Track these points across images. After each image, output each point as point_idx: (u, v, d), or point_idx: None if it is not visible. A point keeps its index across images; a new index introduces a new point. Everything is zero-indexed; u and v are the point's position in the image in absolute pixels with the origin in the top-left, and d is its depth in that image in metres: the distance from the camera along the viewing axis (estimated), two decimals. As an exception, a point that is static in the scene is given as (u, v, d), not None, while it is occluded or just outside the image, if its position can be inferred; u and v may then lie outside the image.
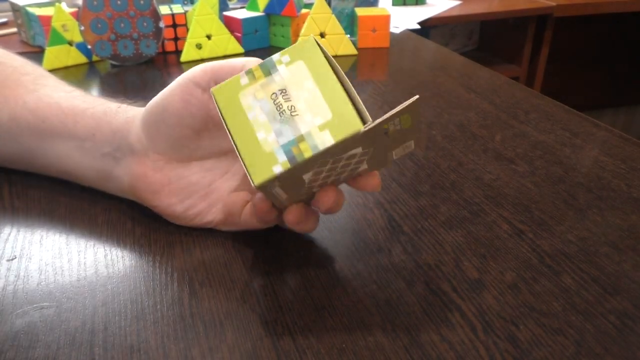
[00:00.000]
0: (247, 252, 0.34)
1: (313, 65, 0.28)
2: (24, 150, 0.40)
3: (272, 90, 0.28)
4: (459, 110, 0.56)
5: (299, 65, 0.28)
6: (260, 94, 0.28)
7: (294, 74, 0.28)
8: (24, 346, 0.27)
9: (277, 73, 0.28)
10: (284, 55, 0.29)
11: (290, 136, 0.28)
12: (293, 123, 0.28)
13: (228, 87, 0.29)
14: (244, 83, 0.29)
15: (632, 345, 0.27)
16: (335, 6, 0.87)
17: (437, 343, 0.27)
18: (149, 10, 0.73)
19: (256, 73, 0.29)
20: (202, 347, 0.27)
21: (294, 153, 0.27)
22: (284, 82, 0.28)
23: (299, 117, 0.28)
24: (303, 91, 0.28)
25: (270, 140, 0.28)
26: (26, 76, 0.42)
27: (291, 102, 0.28)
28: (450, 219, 0.38)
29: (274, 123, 0.28)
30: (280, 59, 0.29)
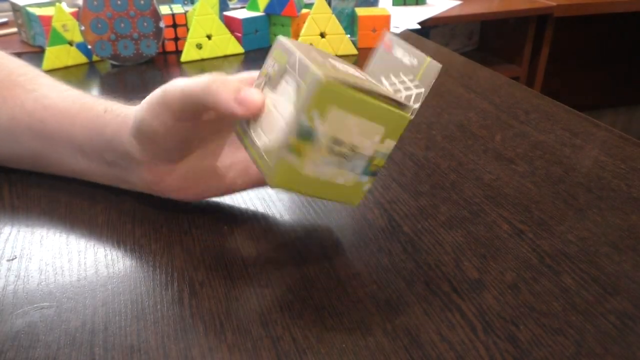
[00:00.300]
0: (247, 252, 0.34)
1: (342, 102, 0.27)
2: (28, 151, 0.41)
3: (325, 148, 0.28)
4: (459, 110, 0.56)
5: (331, 112, 0.27)
6: (317, 157, 0.28)
7: (332, 121, 0.27)
8: (24, 346, 0.27)
9: (317, 132, 0.27)
10: (312, 113, 0.27)
11: (363, 163, 0.30)
12: (360, 155, 0.29)
13: (283, 173, 0.28)
14: (295, 161, 0.28)
15: (632, 345, 0.27)
16: (335, 6, 0.87)
17: (437, 343, 0.27)
18: (149, 10, 0.73)
19: (299, 146, 0.27)
20: (202, 347, 0.27)
21: (372, 170, 0.31)
22: (330, 135, 0.28)
23: (362, 148, 0.29)
24: (350, 129, 0.28)
25: (350, 177, 0.30)
26: (23, 77, 0.42)
27: (346, 143, 0.29)
28: (450, 219, 0.38)
29: (344, 166, 0.29)
30: (311, 119, 0.27)
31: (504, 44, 1.62)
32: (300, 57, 0.28)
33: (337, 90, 0.27)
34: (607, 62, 1.96)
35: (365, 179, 0.31)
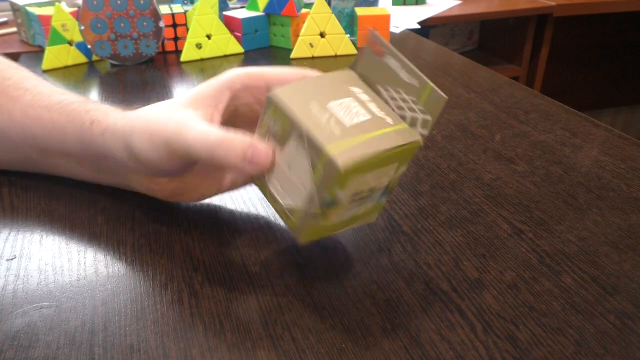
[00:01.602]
0: (246, 252, 0.34)
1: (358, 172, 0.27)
2: (26, 158, 0.40)
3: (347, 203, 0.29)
4: (459, 110, 0.56)
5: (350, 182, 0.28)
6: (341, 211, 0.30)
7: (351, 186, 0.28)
8: (23, 346, 0.27)
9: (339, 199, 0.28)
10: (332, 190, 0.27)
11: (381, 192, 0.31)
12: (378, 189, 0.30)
13: (311, 234, 0.30)
14: (321, 222, 0.29)
15: (632, 345, 0.27)
16: (335, 6, 0.87)
17: (437, 343, 0.27)
18: (149, 10, 0.73)
19: (324, 212, 0.29)
20: (201, 346, 0.27)
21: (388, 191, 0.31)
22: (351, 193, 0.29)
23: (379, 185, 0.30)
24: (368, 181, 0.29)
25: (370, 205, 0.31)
26: (8, 81, 0.41)
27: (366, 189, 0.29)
28: (450, 218, 0.38)
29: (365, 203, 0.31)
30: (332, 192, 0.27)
31: (504, 43, 1.62)
32: (307, 132, 0.27)
33: (358, 168, 0.27)
34: (607, 62, 1.96)
35: (383, 200, 0.32)
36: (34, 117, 0.38)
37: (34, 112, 0.38)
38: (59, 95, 0.39)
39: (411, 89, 0.29)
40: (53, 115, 0.38)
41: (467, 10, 1.34)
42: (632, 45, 1.94)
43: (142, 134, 0.32)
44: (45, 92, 0.40)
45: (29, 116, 0.38)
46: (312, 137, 0.27)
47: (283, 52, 0.81)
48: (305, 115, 0.28)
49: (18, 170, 0.43)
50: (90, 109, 0.37)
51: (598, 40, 1.90)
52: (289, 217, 0.30)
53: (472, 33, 1.70)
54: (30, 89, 0.40)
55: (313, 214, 0.28)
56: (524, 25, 1.50)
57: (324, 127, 0.27)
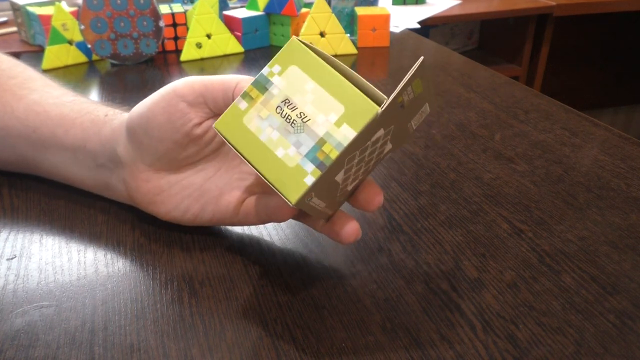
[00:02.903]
0: (246, 252, 0.34)
1: (306, 65, 0.27)
2: (20, 157, 0.40)
3: (274, 104, 0.27)
4: (459, 110, 0.56)
5: (292, 70, 0.27)
6: (264, 112, 0.27)
7: (291, 80, 0.27)
8: (23, 345, 0.27)
9: (273, 86, 0.27)
10: (273, 66, 0.27)
11: (311, 143, 0.26)
12: (308, 129, 0.26)
13: (229, 117, 0.28)
14: (243, 107, 0.27)
15: (632, 345, 0.27)
16: (335, 5, 0.87)
17: (437, 342, 0.27)
18: (149, 10, 0.73)
19: (252, 93, 0.27)
20: (201, 346, 0.27)
21: (320, 159, 0.26)
22: (284, 92, 0.27)
23: (312, 122, 0.27)
24: (306, 94, 0.27)
25: (292, 154, 0.27)
26: (13, 80, 0.41)
27: (298, 109, 0.27)
28: (449, 218, 0.38)
29: (289, 136, 0.27)
30: (271, 71, 0.27)
31: (504, 43, 1.62)
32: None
33: (303, 50, 0.27)
34: (607, 61, 1.96)
35: (309, 168, 0.26)
36: (40, 113, 0.38)
37: (41, 108, 0.39)
38: (70, 96, 0.40)
39: None
40: (63, 110, 0.38)
41: (467, 10, 1.34)
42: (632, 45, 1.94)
43: (151, 95, 0.33)
44: (54, 92, 0.40)
45: (34, 112, 0.39)
46: None
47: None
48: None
49: (8, 170, 0.43)
50: (108, 107, 0.38)
51: (598, 40, 1.90)
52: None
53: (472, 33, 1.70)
54: (38, 89, 0.41)
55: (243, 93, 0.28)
56: (524, 25, 1.50)
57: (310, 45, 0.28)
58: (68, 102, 0.39)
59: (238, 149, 0.27)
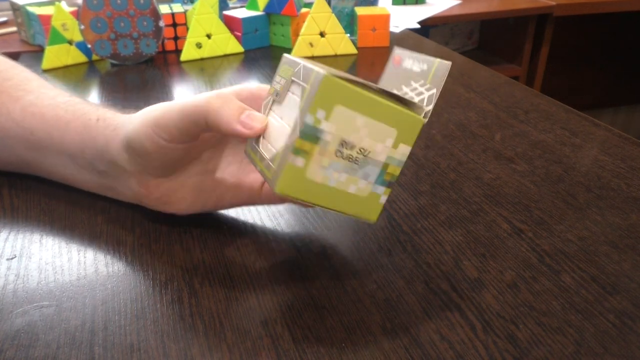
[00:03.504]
0: (246, 252, 0.34)
1: (349, 101, 0.26)
2: (19, 158, 0.40)
3: (332, 150, 0.27)
4: (459, 110, 0.56)
5: (338, 111, 0.26)
6: (325, 160, 0.27)
7: (340, 121, 0.26)
8: (24, 345, 0.27)
9: (325, 133, 0.26)
10: (316, 112, 0.26)
11: (377, 170, 0.28)
12: (371, 160, 0.28)
13: (289, 178, 0.27)
14: (302, 164, 0.26)
15: (632, 345, 0.27)
16: (335, 5, 0.87)
17: (437, 342, 0.27)
18: (149, 10, 0.73)
19: (305, 147, 0.26)
20: (201, 346, 0.27)
21: (387, 180, 0.29)
22: (338, 136, 0.27)
23: (372, 153, 0.28)
24: (360, 130, 0.27)
25: (363, 186, 0.28)
26: (9, 82, 0.41)
27: (356, 146, 0.27)
28: (449, 218, 0.38)
29: (356, 173, 0.28)
30: (316, 118, 0.26)
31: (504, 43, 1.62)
32: (305, 64, 0.27)
33: (341, 86, 0.26)
34: (607, 61, 1.96)
35: (381, 190, 0.29)
36: (36, 114, 0.38)
37: (37, 110, 0.39)
38: (65, 97, 0.40)
39: (421, 76, 0.30)
40: (58, 112, 0.38)
41: (467, 10, 1.34)
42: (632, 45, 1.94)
43: (138, 120, 0.32)
44: (49, 93, 0.40)
45: (30, 113, 0.38)
46: (307, 66, 0.27)
47: (283, 52, 0.81)
48: (309, 63, 0.28)
49: (9, 170, 0.43)
50: (99, 108, 0.38)
51: (598, 40, 1.90)
52: (270, 168, 0.28)
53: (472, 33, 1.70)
54: (33, 90, 0.40)
55: (293, 148, 0.26)
56: (524, 25, 1.50)
57: (322, 67, 0.27)
58: (62, 103, 0.39)
59: (311, 202, 0.28)
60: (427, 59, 0.31)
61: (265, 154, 0.29)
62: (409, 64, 0.32)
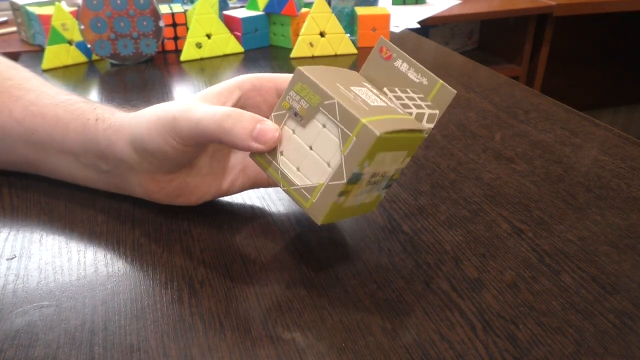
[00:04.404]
0: (246, 252, 0.34)
1: (386, 146, 0.29)
2: (21, 158, 0.40)
3: (365, 182, 0.30)
4: (459, 110, 0.56)
5: (378, 156, 0.29)
6: (358, 191, 0.30)
7: (376, 162, 0.29)
8: (23, 345, 0.27)
9: (364, 174, 0.29)
10: (364, 163, 0.28)
11: (387, 181, 0.32)
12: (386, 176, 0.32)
13: (331, 212, 0.29)
14: (342, 201, 0.29)
15: (632, 345, 0.27)
16: (335, 5, 0.87)
17: (437, 342, 0.27)
18: (149, 9, 0.73)
19: (348, 189, 0.29)
20: (201, 346, 0.27)
21: (390, 183, 0.33)
22: (372, 171, 0.30)
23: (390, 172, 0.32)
24: (386, 162, 0.30)
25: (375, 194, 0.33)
26: (9, 81, 0.41)
27: (380, 172, 0.30)
28: (449, 218, 0.38)
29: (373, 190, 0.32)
30: (363, 167, 0.28)
31: (504, 43, 1.62)
32: (339, 103, 0.28)
33: (388, 140, 0.28)
34: (607, 61, 1.96)
35: (384, 192, 0.34)
36: (36, 114, 0.38)
37: (37, 109, 0.39)
38: (64, 95, 0.40)
39: (419, 87, 0.32)
40: (58, 111, 0.38)
41: (467, 10, 1.34)
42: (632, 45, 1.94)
43: (149, 121, 0.33)
44: (49, 92, 0.40)
45: (31, 113, 0.38)
46: (346, 109, 0.28)
47: (283, 52, 0.81)
48: (335, 92, 0.29)
49: (10, 170, 0.43)
50: (97, 107, 0.37)
51: (598, 40, 1.90)
52: (306, 197, 0.30)
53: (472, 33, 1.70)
54: (33, 89, 0.41)
55: (338, 191, 0.28)
56: (524, 25, 1.50)
57: (352, 102, 0.29)
58: (62, 102, 0.39)
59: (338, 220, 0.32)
60: (427, 72, 0.32)
61: (292, 177, 0.30)
62: (404, 67, 0.32)
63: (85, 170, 0.38)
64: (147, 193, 0.37)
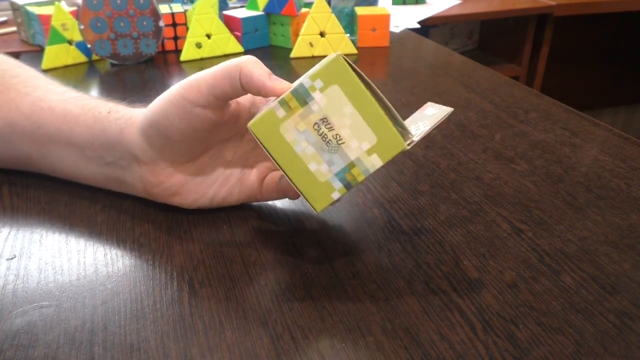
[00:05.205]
0: (246, 252, 0.34)
1: (347, 88, 0.28)
2: (24, 154, 0.40)
3: (312, 120, 0.29)
4: (459, 110, 0.56)
5: (333, 90, 0.28)
6: (302, 125, 0.29)
7: (331, 99, 0.28)
8: (23, 345, 0.27)
9: (314, 101, 0.28)
10: (315, 80, 0.28)
11: (342, 164, 0.29)
12: (341, 151, 0.29)
13: (265, 121, 0.29)
14: (281, 115, 0.29)
15: (632, 345, 0.27)
16: (335, 5, 0.87)
17: (437, 342, 0.27)
18: (149, 9, 0.73)
19: (291, 103, 0.28)
20: (201, 346, 0.27)
21: (348, 180, 0.30)
22: (323, 111, 0.28)
23: (346, 145, 0.29)
24: (344, 117, 0.29)
25: (324, 170, 0.29)
26: (16, 79, 0.41)
27: (334, 130, 0.29)
28: (449, 218, 0.38)
29: (323, 154, 0.29)
30: (312, 85, 0.28)
31: (504, 43, 1.62)
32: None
33: (346, 69, 0.27)
34: (607, 61, 1.96)
35: (337, 185, 0.30)
36: (45, 109, 0.39)
37: (46, 104, 0.39)
38: (73, 92, 0.40)
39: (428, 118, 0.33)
40: (67, 106, 0.38)
41: (467, 10, 1.34)
42: (632, 45, 1.94)
43: (163, 97, 0.33)
44: (57, 89, 0.41)
45: (39, 108, 0.39)
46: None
47: (283, 52, 0.81)
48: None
49: (11, 168, 0.43)
50: (109, 102, 0.38)
51: (598, 40, 1.90)
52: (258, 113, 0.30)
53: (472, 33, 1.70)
54: (41, 86, 0.41)
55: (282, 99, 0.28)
56: (524, 25, 1.50)
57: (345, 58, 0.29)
58: (72, 98, 0.39)
59: (272, 154, 0.29)
60: (444, 108, 0.33)
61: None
62: (430, 111, 0.34)
63: (87, 163, 0.38)
64: (146, 188, 0.37)
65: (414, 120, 0.34)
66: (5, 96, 0.40)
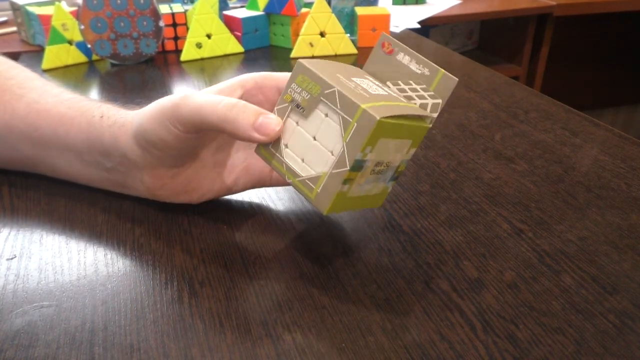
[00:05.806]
0: (246, 252, 0.34)
1: (388, 132, 0.29)
2: (23, 156, 0.40)
3: (369, 170, 0.30)
4: (459, 110, 0.56)
5: (380, 142, 0.29)
6: (362, 180, 0.30)
7: (379, 149, 0.29)
8: (23, 345, 0.27)
9: (368, 161, 0.29)
10: (365, 149, 0.28)
11: (392, 173, 0.32)
12: (392, 167, 0.32)
13: (336, 202, 0.29)
14: (346, 190, 0.29)
15: (632, 345, 0.27)
16: (335, 5, 0.87)
17: (437, 342, 0.27)
18: (149, 10, 0.73)
19: (352, 176, 0.29)
20: (201, 346, 0.27)
21: (396, 175, 0.33)
22: (375, 159, 0.30)
23: (394, 162, 0.32)
24: (389, 150, 0.30)
25: (381, 186, 0.33)
26: (11, 80, 0.41)
27: (384, 161, 0.31)
28: (449, 218, 0.38)
29: (379, 180, 0.32)
30: (364, 153, 0.28)
31: (504, 43, 1.62)
32: (339, 91, 0.29)
33: (389, 125, 0.28)
34: (607, 61, 1.96)
35: (390, 184, 0.33)
36: (40, 111, 0.38)
37: (41, 106, 0.39)
38: (67, 94, 0.40)
39: (422, 78, 0.32)
40: (61, 108, 0.38)
41: (467, 10, 1.34)
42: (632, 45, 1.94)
43: (151, 111, 0.33)
44: (52, 91, 0.40)
45: (35, 110, 0.39)
46: (346, 96, 0.28)
47: (283, 52, 0.81)
48: (335, 81, 0.29)
49: (11, 169, 0.43)
50: (101, 105, 0.38)
51: (598, 40, 1.90)
52: (311, 188, 0.30)
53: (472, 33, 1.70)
54: (36, 88, 0.41)
55: (342, 179, 0.28)
56: (524, 25, 1.50)
57: (353, 91, 0.29)
58: (66, 100, 0.39)
59: (344, 210, 0.31)
60: (428, 63, 0.33)
61: (296, 168, 0.30)
62: (406, 60, 0.33)
63: (87, 168, 0.38)
64: (149, 190, 0.37)
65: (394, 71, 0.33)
66: (1, 98, 0.40)
